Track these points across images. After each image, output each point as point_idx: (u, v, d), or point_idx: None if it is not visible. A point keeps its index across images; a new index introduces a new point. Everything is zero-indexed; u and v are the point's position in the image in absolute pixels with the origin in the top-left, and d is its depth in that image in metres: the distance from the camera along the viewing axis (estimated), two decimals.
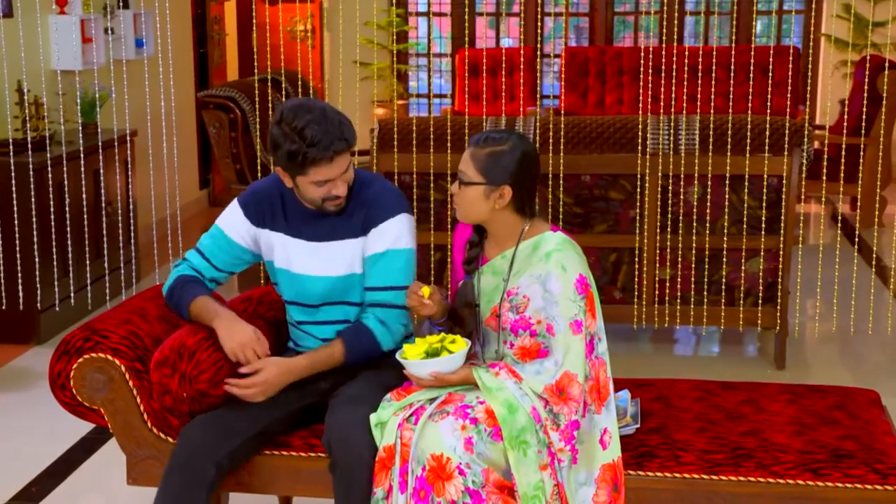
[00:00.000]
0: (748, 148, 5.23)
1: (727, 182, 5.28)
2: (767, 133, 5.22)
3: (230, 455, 3.24)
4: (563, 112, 9.95)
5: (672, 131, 5.29)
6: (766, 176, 5.23)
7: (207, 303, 3.37)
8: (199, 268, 3.48)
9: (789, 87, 6.12)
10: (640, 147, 5.31)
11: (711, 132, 5.28)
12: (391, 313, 3.39)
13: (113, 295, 6.41)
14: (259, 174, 6.17)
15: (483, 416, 3.13)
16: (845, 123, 7.70)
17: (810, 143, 5.23)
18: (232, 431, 3.25)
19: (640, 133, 5.31)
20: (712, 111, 7.22)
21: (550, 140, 5.33)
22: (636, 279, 5.45)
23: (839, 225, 8.55)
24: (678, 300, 5.47)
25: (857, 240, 6.80)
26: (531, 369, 3.17)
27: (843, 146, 6.23)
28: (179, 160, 7.13)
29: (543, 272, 3.20)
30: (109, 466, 4.45)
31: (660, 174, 5.31)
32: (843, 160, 6.51)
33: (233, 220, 3.48)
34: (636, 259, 5.43)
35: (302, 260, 3.42)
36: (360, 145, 9.98)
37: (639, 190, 5.33)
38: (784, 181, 5.23)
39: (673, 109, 7.01)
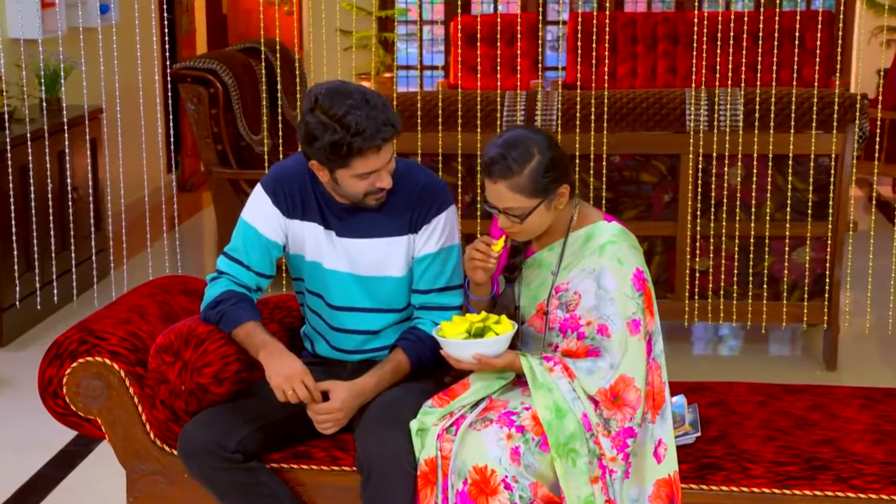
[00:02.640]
0: (814, 124, 5.21)
1: (776, 162, 5.27)
2: (836, 106, 5.19)
3: (239, 444, 3.22)
4: (565, 85, 9.95)
5: (711, 106, 5.27)
6: (832, 154, 5.22)
7: (256, 330, 3.31)
8: (242, 280, 3.40)
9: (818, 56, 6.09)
10: (689, 124, 5.29)
11: (756, 107, 5.27)
12: (447, 316, 3.37)
13: (81, 290, 6.36)
14: (274, 159, 6.13)
15: (530, 423, 3.12)
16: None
17: (865, 119, 5.23)
18: (235, 424, 3.25)
19: (676, 108, 5.30)
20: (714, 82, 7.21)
21: (585, 117, 5.31)
22: (670, 271, 5.44)
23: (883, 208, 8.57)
24: (717, 294, 5.46)
25: None
26: (584, 366, 3.15)
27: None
28: (146, 140, 7.07)
29: (597, 266, 3.19)
30: (95, 482, 4.43)
31: (699, 154, 5.29)
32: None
33: (263, 213, 3.40)
34: (670, 249, 5.42)
35: (335, 256, 3.39)
36: None
37: (680, 172, 5.31)
38: (836, 161, 5.22)
39: (693, 81, 7.00)
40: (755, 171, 5.29)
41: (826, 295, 5.39)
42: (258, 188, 3.43)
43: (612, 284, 3.16)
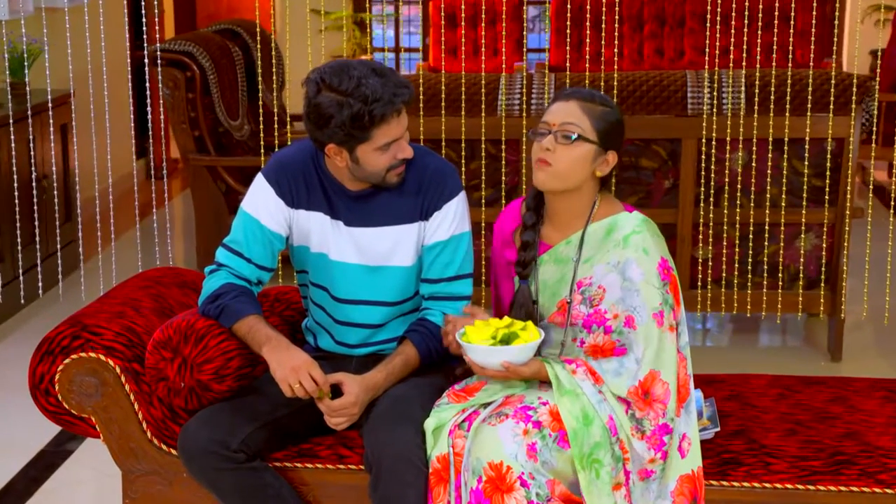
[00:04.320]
0: (831, 106, 5.21)
1: (780, 146, 5.27)
2: (843, 88, 5.19)
3: (242, 443, 3.21)
4: (550, 67, 9.95)
5: (714, 88, 5.27)
6: (842, 137, 5.23)
7: (259, 324, 3.29)
8: (242, 273, 3.37)
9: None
10: (691, 107, 5.29)
11: (759, 89, 5.27)
12: (457, 306, 3.37)
13: (52, 284, 6.31)
14: (253, 145, 6.10)
15: (547, 418, 3.10)
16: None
17: (872, 101, 5.25)
18: (237, 422, 3.23)
19: (678, 91, 5.30)
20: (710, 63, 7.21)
21: None
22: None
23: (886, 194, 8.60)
24: (719, 284, 5.47)
25: None
26: (610, 367, 3.15)
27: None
28: (114, 126, 7.01)
29: (622, 259, 3.18)
30: (79, 483, 4.42)
31: (711, 138, 5.27)
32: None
33: (266, 204, 3.37)
34: (671, 236, 5.42)
35: (342, 247, 3.37)
36: None
37: (682, 157, 5.31)
38: (845, 144, 5.23)
39: (708, 62, 7.00)
40: (768, 155, 5.28)
41: (836, 283, 5.40)
42: (260, 178, 3.40)
43: (637, 275, 3.16)
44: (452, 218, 3.38)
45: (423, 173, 3.37)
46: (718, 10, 6.39)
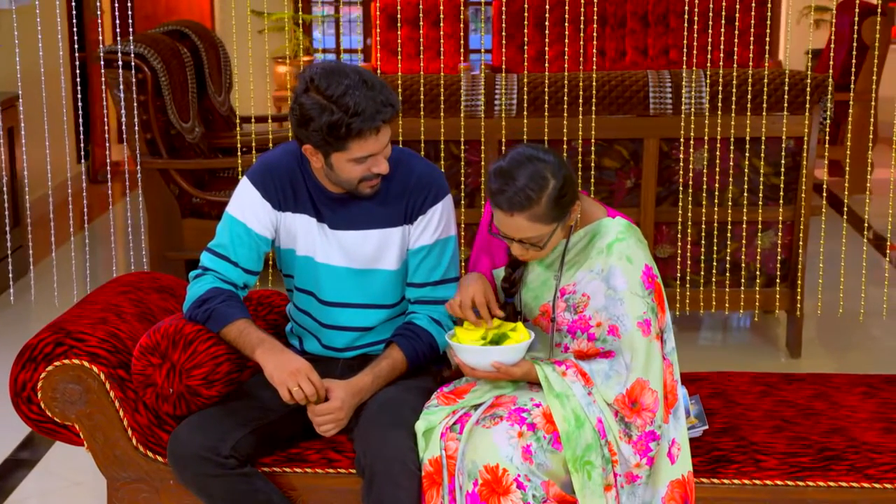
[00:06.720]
0: (807, 105, 5.23)
1: (740, 145, 5.30)
2: (803, 88, 5.23)
3: (233, 449, 3.18)
4: (492, 68, 9.96)
5: (676, 88, 5.30)
6: (799, 136, 5.27)
7: (249, 328, 3.26)
8: (228, 277, 3.34)
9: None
10: (653, 107, 5.31)
11: (720, 88, 5.31)
12: (443, 310, 3.36)
13: (3, 289, 6.22)
14: (204, 147, 6.02)
15: (541, 420, 3.11)
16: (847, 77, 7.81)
17: (831, 100, 5.30)
18: (228, 428, 3.21)
19: (640, 91, 5.31)
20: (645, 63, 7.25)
21: (545, 100, 5.31)
22: None
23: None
24: (679, 282, 5.50)
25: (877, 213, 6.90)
26: (599, 369, 3.15)
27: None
28: (55, 129, 6.94)
29: (605, 266, 3.17)
30: (50, 493, 4.35)
31: (686, 137, 5.29)
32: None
33: (252, 207, 3.34)
34: None
35: (328, 250, 3.35)
36: (260, 110, 9.86)
37: (644, 156, 5.33)
38: (802, 143, 5.28)
39: (687, 62, 7.03)
40: (728, 154, 5.31)
41: (787, 281, 5.44)
42: (245, 181, 3.37)
43: (621, 284, 3.15)
44: (438, 222, 3.37)
45: (408, 176, 3.35)
46: (672, 9, 6.41)
